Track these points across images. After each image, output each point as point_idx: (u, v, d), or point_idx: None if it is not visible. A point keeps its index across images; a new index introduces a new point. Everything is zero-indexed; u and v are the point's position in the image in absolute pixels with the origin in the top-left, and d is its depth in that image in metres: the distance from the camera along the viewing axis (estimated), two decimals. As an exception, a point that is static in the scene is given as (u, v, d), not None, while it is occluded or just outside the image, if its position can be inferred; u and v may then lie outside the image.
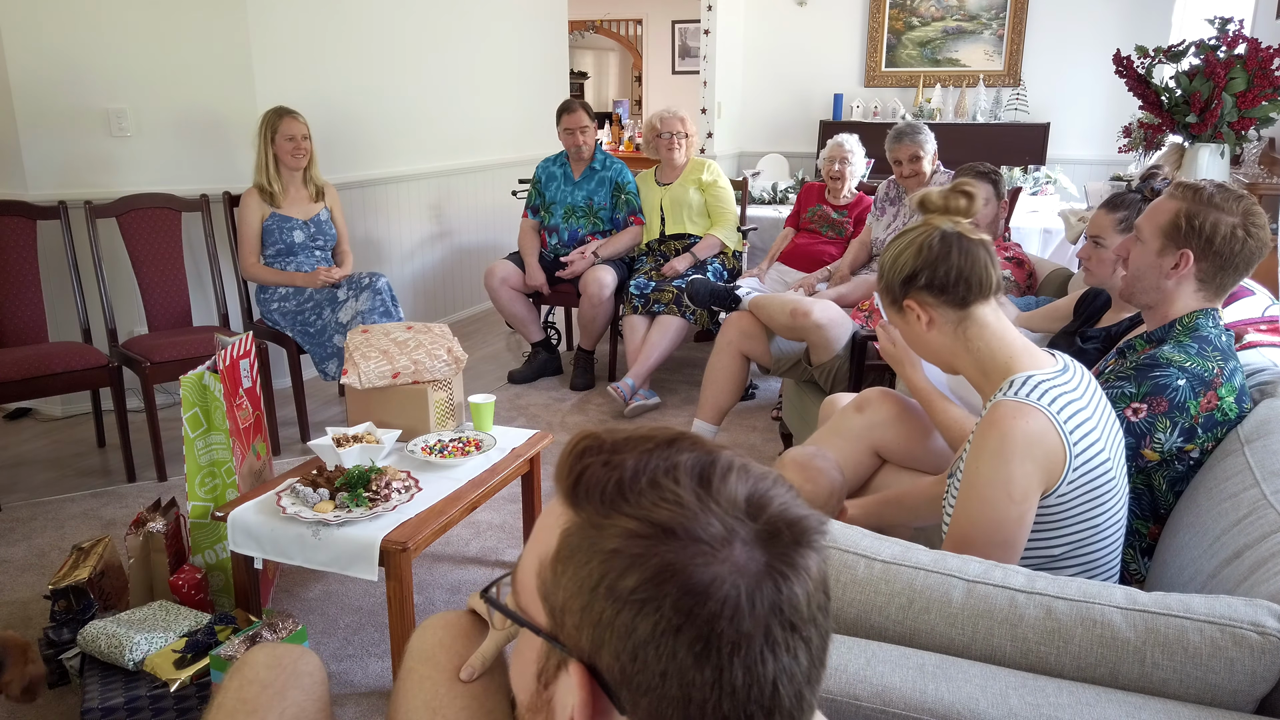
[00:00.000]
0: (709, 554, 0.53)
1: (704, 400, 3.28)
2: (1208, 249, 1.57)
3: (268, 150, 3.46)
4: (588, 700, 0.55)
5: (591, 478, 0.57)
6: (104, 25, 3.47)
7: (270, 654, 1.12)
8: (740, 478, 0.57)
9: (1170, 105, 3.20)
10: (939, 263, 1.41)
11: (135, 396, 3.40)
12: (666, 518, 0.54)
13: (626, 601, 0.53)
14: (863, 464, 2.00)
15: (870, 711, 1.00)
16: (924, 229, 1.45)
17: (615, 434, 0.61)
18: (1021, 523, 1.32)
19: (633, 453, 0.58)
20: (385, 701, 1.99)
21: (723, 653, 0.52)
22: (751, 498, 0.56)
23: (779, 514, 0.56)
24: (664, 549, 0.53)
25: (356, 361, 2.35)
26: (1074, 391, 1.36)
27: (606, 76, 10.64)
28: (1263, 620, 0.99)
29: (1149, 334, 1.68)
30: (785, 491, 0.58)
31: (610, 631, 0.54)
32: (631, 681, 0.54)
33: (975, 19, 6.15)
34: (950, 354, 1.46)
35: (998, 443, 1.31)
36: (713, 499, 0.55)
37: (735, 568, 0.53)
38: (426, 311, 5.07)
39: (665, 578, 0.53)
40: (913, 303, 1.45)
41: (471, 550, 2.64)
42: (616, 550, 0.54)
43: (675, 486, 0.56)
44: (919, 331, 1.47)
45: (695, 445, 0.60)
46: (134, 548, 2.19)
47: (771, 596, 0.53)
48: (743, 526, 0.55)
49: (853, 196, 4.01)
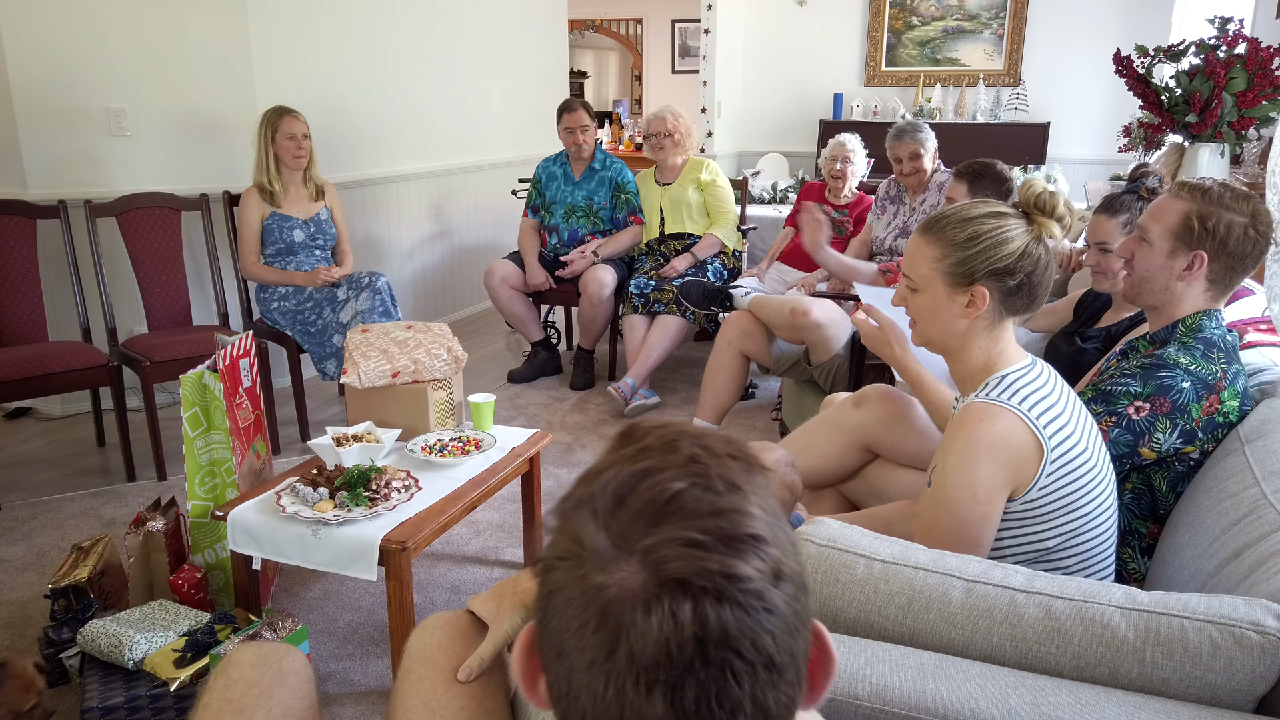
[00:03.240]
0: (597, 567, 0.54)
1: (704, 400, 3.28)
2: (1221, 250, 1.57)
3: (268, 149, 3.46)
4: (525, 647, 0.61)
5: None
6: (104, 25, 3.47)
7: (256, 653, 1.12)
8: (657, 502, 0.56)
9: (1170, 105, 3.20)
10: (1036, 273, 1.39)
11: (135, 396, 3.40)
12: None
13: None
14: (851, 457, 2.03)
15: (870, 711, 1.00)
16: (1034, 230, 1.40)
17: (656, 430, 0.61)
18: (986, 522, 1.34)
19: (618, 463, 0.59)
20: (384, 701, 1.99)
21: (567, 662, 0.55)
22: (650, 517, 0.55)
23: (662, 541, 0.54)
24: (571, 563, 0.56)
25: (356, 361, 2.35)
26: (1044, 387, 1.38)
27: (606, 76, 10.63)
28: (1262, 619, 0.99)
29: (1152, 335, 1.67)
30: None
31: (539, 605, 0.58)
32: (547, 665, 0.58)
33: (975, 18, 6.15)
34: (960, 344, 1.44)
35: (964, 444, 1.34)
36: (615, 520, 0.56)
37: (618, 584, 0.53)
38: (426, 311, 5.07)
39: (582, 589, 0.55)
40: (983, 291, 1.39)
41: (471, 550, 2.64)
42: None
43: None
44: (953, 312, 1.42)
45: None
46: (134, 547, 2.19)
47: (621, 622, 0.52)
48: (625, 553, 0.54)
49: (853, 196, 4.01)
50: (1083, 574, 1.40)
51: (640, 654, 0.51)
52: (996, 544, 1.40)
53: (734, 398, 3.28)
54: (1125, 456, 1.56)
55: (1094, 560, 1.41)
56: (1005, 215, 1.41)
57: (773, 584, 0.53)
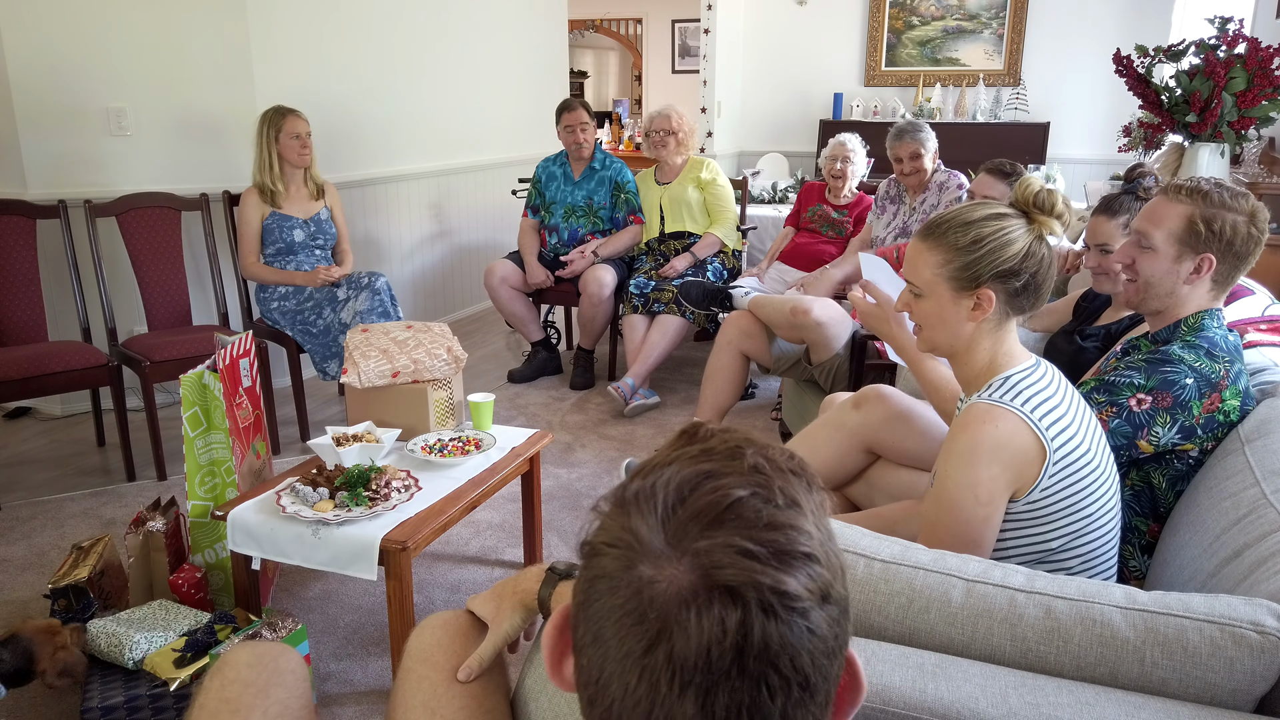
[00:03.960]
0: (650, 561, 0.54)
1: (704, 399, 3.28)
2: (1228, 251, 1.57)
3: (270, 149, 3.46)
4: (558, 625, 0.63)
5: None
6: (104, 25, 3.47)
7: (251, 653, 1.12)
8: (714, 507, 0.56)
9: (1170, 105, 3.20)
10: (1041, 272, 1.38)
11: (135, 396, 3.40)
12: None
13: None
14: (853, 459, 2.03)
15: (870, 710, 1.00)
16: (1035, 229, 1.38)
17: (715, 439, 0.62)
18: (988, 523, 1.34)
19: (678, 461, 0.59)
20: (384, 701, 1.99)
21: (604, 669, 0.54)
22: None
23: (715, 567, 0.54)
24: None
25: (356, 360, 2.35)
26: (1048, 388, 1.38)
27: (606, 76, 10.63)
28: (1262, 619, 0.99)
29: (1154, 334, 1.67)
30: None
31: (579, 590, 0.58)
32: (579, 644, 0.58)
33: (975, 18, 6.15)
34: (966, 345, 1.43)
35: (966, 446, 1.34)
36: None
37: (668, 581, 0.53)
38: (426, 311, 5.07)
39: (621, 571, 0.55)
40: (988, 293, 1.38)
41: (471, 550, 2.64)
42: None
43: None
44: (960, 316, 1.41)
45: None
46: (134, 547, 2.19)
47: (667, 619, 0.52)
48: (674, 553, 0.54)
49: (853, 196, 4.01)
50: (1086, 574, 1.40)
51: (680, 654, 0.51)
52: (1000, 545, 1.40)
53: (734, 397, 3.28)
54: (1123, 448, 1.57)
55: (1098, 560, 1.41)
56: (1006, 216, 1.39)
57: (819, 605, 0.53)
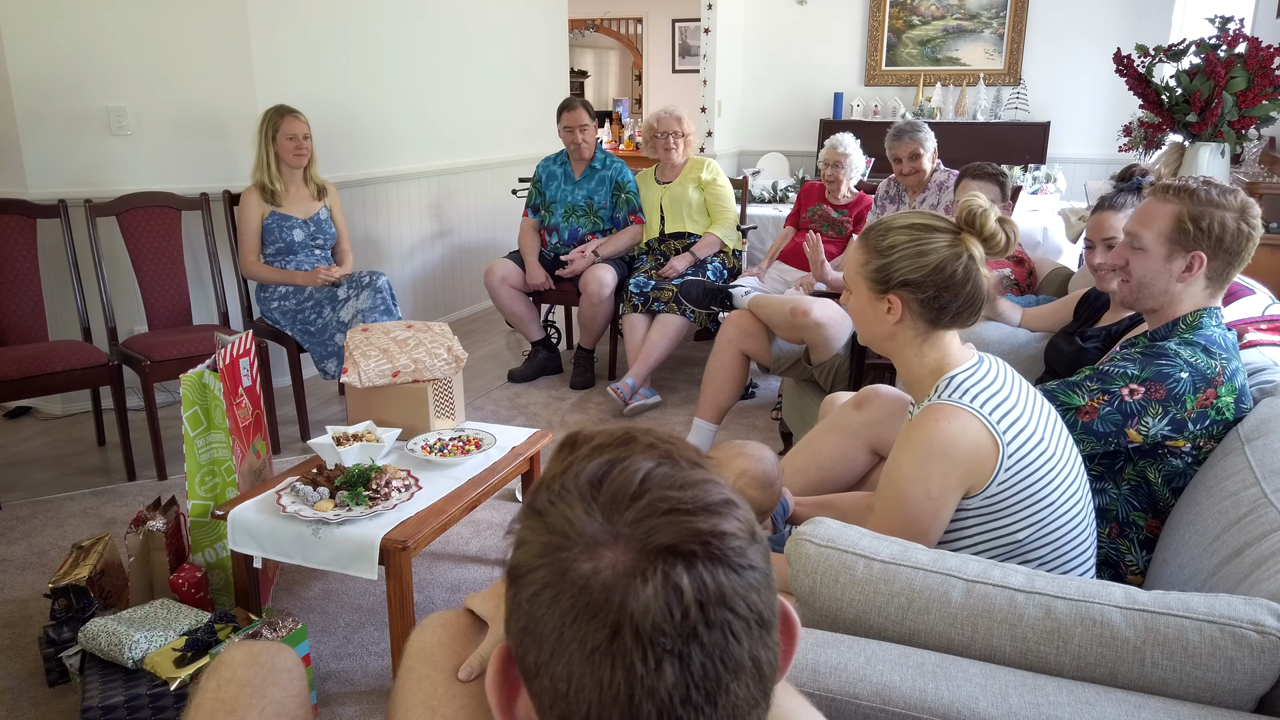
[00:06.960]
0: (584, 553, 0.54)
1: (704, 399, 3.28)
2: (1218, 248, 1.58)
3: (269, 149, 3.46)
4: (500, 665, 0.62)
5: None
6: (104, 25, 3.47)
7: (247, 652, 1.11)
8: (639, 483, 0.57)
9: (1170, 104, 3.20)
10: (949, 288, 1.39)
11: (135, 395, 3.40)
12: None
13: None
14: (859, 460, 2.02)
15: (870, 710, 1.00)
16: (954, 247, 1.39)
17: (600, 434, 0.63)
18: (936, 517, 1.38)
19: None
20: (384, 701, 1.99)
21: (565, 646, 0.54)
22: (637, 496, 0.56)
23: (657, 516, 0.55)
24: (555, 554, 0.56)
25: (356, 360, 2.35)
26: (994, 384, 1.40)
27: (607, 75, 10.63)
28: (1262, 619, 0.99)
29: (1152, 333, 1.68)
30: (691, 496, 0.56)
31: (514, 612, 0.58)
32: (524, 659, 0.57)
33: (975, 18, 6.15)
34: (895, 348, 1.47)
35: (919, 441, 1.37)
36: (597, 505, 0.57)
37: (609, 567, 0.53)
38: (426, 310, 5.07)
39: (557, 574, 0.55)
40: (896, 299, 1.42)
41: (471, 549, 2.65)
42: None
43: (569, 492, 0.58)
44: (877, 316, 1.45)
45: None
46: (134, 546, 2.19)
47: (621, 600, 0.52)
48: (616, 531, 0.55)
49: (853, 195, 4.01)
50: (1060, 565, 1.41)
51: (646, 628, 0.52)
52: (968, 538, 1.41)
53: (734, 397, 3.28)
54: (1112, 436, 1.58)
55: (1071, 550, 1.42)
56: (934, 229, 1.41)
57: (751, 542, 0.56)
